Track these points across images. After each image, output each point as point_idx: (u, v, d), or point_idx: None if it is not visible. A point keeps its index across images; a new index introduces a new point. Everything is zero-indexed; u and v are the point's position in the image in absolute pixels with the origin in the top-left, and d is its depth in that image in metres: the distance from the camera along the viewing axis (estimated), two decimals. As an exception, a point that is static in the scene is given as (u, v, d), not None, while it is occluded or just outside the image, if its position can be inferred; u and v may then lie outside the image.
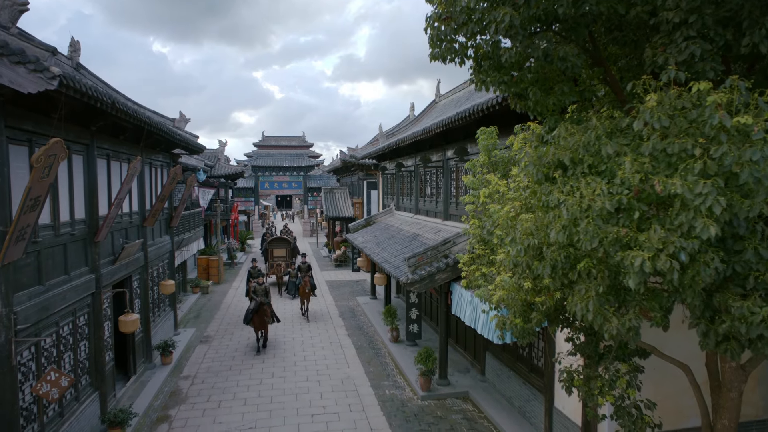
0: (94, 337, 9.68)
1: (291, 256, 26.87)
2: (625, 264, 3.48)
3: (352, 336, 16.58)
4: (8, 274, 6.78)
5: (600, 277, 3.93)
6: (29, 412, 7.50)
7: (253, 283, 15.64)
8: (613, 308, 3.96)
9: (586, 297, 3.94)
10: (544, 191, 4.28)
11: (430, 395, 11.57)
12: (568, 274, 4.26)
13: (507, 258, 4.77)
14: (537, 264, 4.36)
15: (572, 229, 3.83)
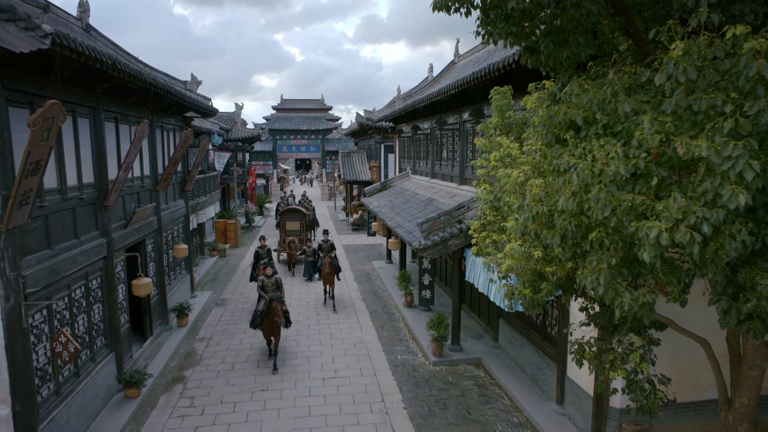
0: (108, 300, 9.78)
1: (308, 229, 23.79)
2: (639, 235, 3.17)
3: (367, 300, 16.60)
4: (14, 239, 6.77)
5: (613, 249, 3.63)
6: (44, 372, 7.64)
7: (261, 277, 12.16)
8: (626, 282, 3.67)
9: (597, 269, 3.66)
10: (555, 154, 3.94)
11: (441, 361, 11.53)
12: (580, 243, 3.97)
13: (515, 226, 4.48)
14: (546, 233, 4.07)
15: (583, 196, 3.52)
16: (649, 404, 4.93)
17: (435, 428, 8.91)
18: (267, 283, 11.89)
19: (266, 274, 12.02)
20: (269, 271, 12.03)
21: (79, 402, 8.43)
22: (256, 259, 15.96)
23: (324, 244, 16.93)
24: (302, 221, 22.13)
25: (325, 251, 16.62)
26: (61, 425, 7.86)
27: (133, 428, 8.95)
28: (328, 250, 16.66)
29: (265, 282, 11.91)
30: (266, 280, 11.92)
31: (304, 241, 21.47)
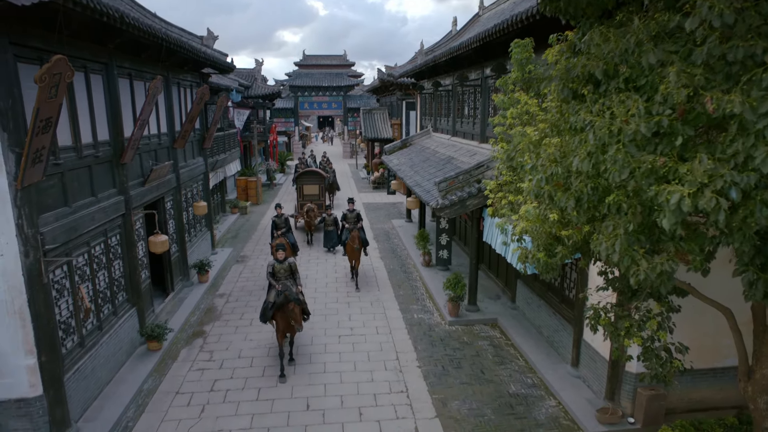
0: (128, 256, 9.95)
1: (327, 192, 22.54)
2: (659, 201, 2.92)
3: (385, 259, 16.62)
4: (31, 196, 6.83)
5: (631, 214, 3.39)
6: (67, 325, 7.88)
7: (271, 261, 9.98)
8: (644, 249, 3.44)
9: (613, 235, 3.44)
10: (571, 111, 3.66)
11: (458, 321, 11.54)
12: (597, 207, 3.73)
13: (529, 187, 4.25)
14: (561, 195, 3.84)
15: (599, 157, 3.26)
16: (664, 372, 4.79)
17: (448, 387, 8.98)
18: (279, 269, 9.81)
19: (277, 257, 9.82)
20: (281, 255, 9.80)
21: (103, 354, 8.72)
22: (274, 228, 14.70)
23: (349, 214, 14.65)
24: (321, 185, 20.50)
25: (351, 222, 14.50)
26: (86, 375, 8.17)
27: (155, 379, 9.27)
28: (354, 222, 14.46)
29: (276, 268, 9.82)
30: (278, 265, 9.80)
31: (323, 207, 20.02)
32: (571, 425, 7.82)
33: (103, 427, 7.73)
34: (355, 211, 14.72)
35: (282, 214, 14.88)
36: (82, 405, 8.03)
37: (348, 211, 14.71)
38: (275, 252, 10.04)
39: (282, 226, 14.60)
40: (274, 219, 14.82)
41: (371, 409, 8.35)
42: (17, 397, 7.09)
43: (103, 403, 8.35)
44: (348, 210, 14.76)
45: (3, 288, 6.75)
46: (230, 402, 8.53)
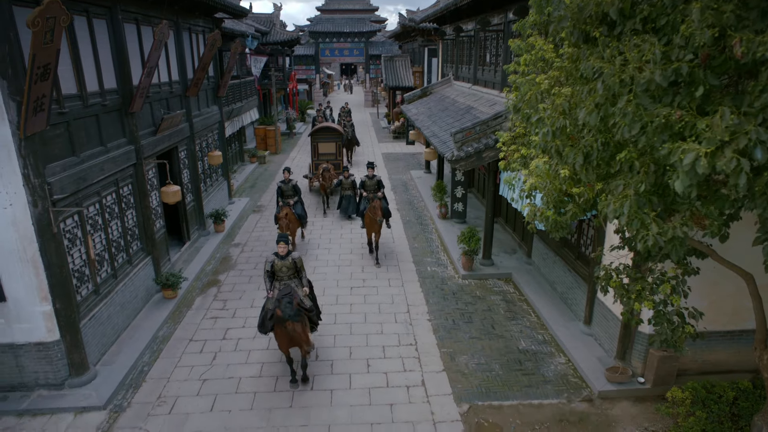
0: (141, 206, 9.99)
1: (346, 150, 21.31)
2: (672, 160, 2.61)
3: (402, 210, 16.46)
4: (35, 146, 6.77)
5: (643, 173, 3.09)
6: (81, 273, 8.02)
7: (271, 257, 7.92)
8: (656, 212, 3.15)
9: (622, 195, 3.15)
10: (583, 56, 3.29)
11: (471, 275, 11.42)
12: (609, 164, 3.42)
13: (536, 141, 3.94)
14: (569, 150, 3.53)
15: (609, 110, 2.92)
16: (675, 338, 4.58)
17: (457, 341, 8.97)
18: (279, 266, 7.82)
19: (279, 252, 7.83)
20: (282, 248, 7.81)
21: (118, 301, 8.92)
22: (279, 196, 12.65)
23: (368, 180, 12.61)
24: (338, 142, 18.43)
25: (370, 190, 12.56)
26: (102, 321, 8.39)
27: (170, 326, 9.50)
28: (374, 189, 12.54)
29: (276, 265, 7.81)
30: (278, 261, 7.80)
31: (341, 167, 17.99)
32: (579, 383, 7.76)
33: (119, 370, 8.00)
34: (375, 177, 12.63)
35: (290, 179, 12.74)
36: (100, 350, 8.30)
37: (367, 178, 12.67)
38: (278, 244, 7.87)
39: (289, 194, 12.64)
40: (280, 185, 12.66)
41: (379, 360, 8.42)
42: (36, 341, 7.34)
43: (120, 348, 8.61)
44: (367, 176, 12.70)
45: (15, 237, 6.84)
46: (241, 350, 8.70)
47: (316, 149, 18.38)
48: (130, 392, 7.68)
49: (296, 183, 12.79)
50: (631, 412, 7.13)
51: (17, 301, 7.14)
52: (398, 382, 7.87)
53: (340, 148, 18.53)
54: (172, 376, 8.03)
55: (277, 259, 7.83)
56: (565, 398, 7.41)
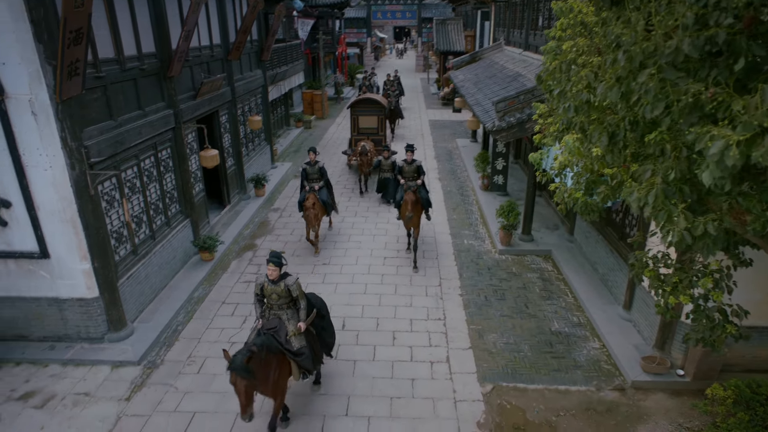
0: (180, 170, 10.18)
1: (390, 120, 19.95)
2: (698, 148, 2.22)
3: (443, 180, 16.08)
4: (72, 110, 6.91)
5: (674, 158, 2.69)
6: (119, 234, 8.30)
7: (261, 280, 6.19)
8: (685, 204, 2.76)
9: (649, 183, 2.77)
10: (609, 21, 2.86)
11: (509, 250, 11.05)
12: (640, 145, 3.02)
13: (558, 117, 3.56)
14: (593, 129, 3.14)
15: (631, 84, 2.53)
16: (713, 338, 4.16)
17: (487, 318, 8.73)
18: (270, 292, 6.12)
19: (270, 276, 6.05)
20: (272, 272, 6.01)
21: (156, 262, 9.22)
22: (304, 180, 11.25)
23: (407, 166, 10.80)
24: (380, 116, 16.43)
25: (408, 177, 10.83)
26: (140, 281, 8.71)
27: (205, 288, 9.78)
28: (412, 176, 10.84)
29: (266, 290, 6.13)
30: (269, 286, 6.09)
31: (383, 142, 16.40)
32: (612, 370, 7.39)
33: (155, 328, 8.32)
34: (414, 163, 10.81)
35: (316, 161, 11.24)
36: (137, 307, 8.65)
37: (405, 162, 10.84)
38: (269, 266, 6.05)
39: (314, 177, 11.19)
40: (305, 167, 11.24)
41: (405, 334, 8.34)
42: (78, 296, 7.71)
43: (156, 306, 8.95)
44: (405, 161, 10.85)
45: (55, 198, 7.10)
46: (271, 315, 8.83)
47: (355, 123, 16.58)
48: (163, 350, 7.99)
49: (323, 165, 11.40)
50: (666, 405, 6.73)
51: (60, 259, 7.48)
52: (423, 357, 7.78)
53: (382, 123, 16.58)
54: (203, 337, 8.29)
55: (267, 283, 6.07)
56: (594, 386, 7.08)
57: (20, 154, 6.87)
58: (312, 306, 6.59)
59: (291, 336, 6.11)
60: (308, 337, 6.36)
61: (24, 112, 6.63)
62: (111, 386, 7.21)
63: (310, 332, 6.45)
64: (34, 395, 7.05)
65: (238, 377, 5.22)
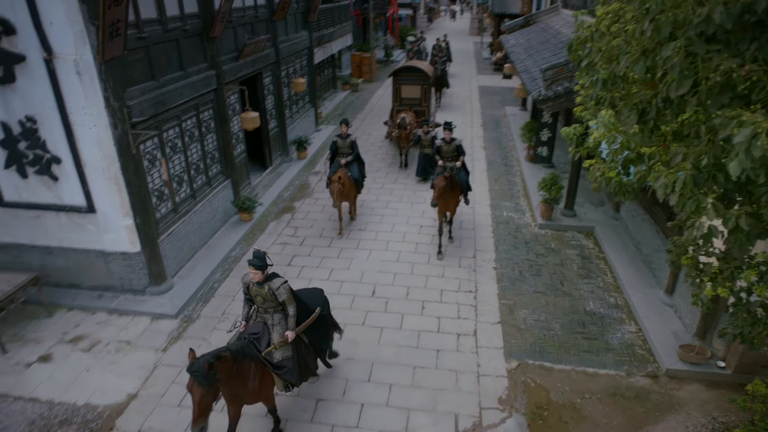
0: (221, 130, 10.34)
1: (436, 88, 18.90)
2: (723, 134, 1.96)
3: (488, 149, 15.62)
4: (115, 70, 7.07)
5: (708, 141, 2.41)
6: (161, 192, 8.59)
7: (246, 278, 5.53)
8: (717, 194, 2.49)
9: (678, 168, 2.51)
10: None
11: (549, 225, 10.68)
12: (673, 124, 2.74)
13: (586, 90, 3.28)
14: (622, 105, 2.87)
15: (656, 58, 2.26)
16: (752, 335, 3.86)
17: (519, 294, 8.55)
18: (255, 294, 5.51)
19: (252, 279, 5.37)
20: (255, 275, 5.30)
21: (196, 220, 9.52)
22: (333, 153, 10.64)
23: (445, 145, 9.96)
24: (425, 85, 15.12)
25: (447, 157, 9.99)
26: (180, 238, 9.04)
27: (243, 248, 10.05)
28: (451, 156, 10.00)
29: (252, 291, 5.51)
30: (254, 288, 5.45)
31: (426, 114, 15.29)
32: (646, 356, 7.11)
33: (192, 284, 8.67)
34: (454, 142, 9.97)
35: (348, 134, 10.56)
36: (177, 263, 9.01)
37: (444, 142, 9.98)
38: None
39: (345, 150, 10.53)
40: (336, 139, 10.61)
41: (435, 304, 8.31)
42: (121, 250, 8.09)
43: (195, 264, 9.29)
44: (444, 140, 9.99)
45: (100, 156, 7.38)
46: (303, 278, 9.00)
47: (398, 92, 15.32)
48: (199, 305, 8.33)
49: (355, 140, 10.75)
50: (701, 397, 6.43)
51: (105, 214, 7.83)
52: (450, 328, 7.74)
53: (426, 93, 15.25)
54: (237, 295, 8.56)
55: (252, 284, 5.46)
56: (624, 370, 6.84)
57: (68, 113, 7.13)
58: (307, 309, 5.81)
59: (273, 347, 5.38)
60: (298, 346, 5.64)
61: (70, 71, 6.84)
62: (150, 336, 7.61)
63: (301, 341, 5.73)
64: (82, 339, 7.55)
65: (194, 383, 4.51)
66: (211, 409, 4.62)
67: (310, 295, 6.20)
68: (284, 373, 5.41)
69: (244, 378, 5.10)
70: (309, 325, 5.75)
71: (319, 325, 6.04)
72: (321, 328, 6.17)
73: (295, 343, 5.59)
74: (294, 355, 5.53)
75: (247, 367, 5.13)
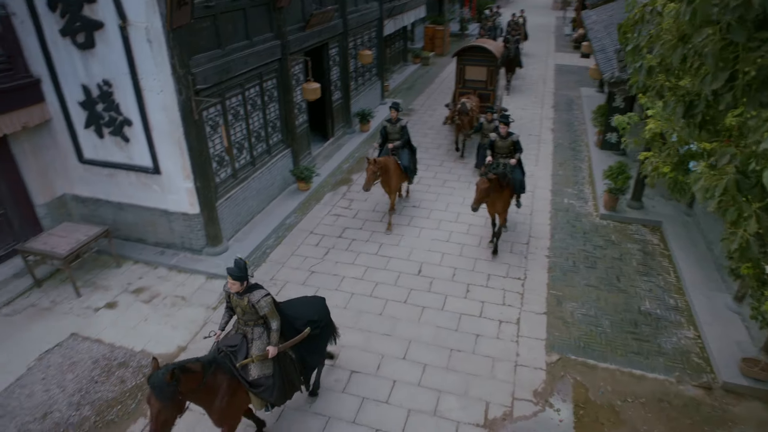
0: (284, 100, 10.54)
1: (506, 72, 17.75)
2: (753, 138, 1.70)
3: (557, 131, 14.90)
4: (182, 38, 7.35)
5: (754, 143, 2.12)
6: (221, 158, 8.94)
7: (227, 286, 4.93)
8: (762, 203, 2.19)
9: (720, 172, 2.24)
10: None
11: (612, 216, 10.10)
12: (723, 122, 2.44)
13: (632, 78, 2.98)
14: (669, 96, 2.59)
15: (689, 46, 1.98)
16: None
17: (570, 285, 8.21)
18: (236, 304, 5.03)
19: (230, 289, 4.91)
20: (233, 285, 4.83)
21: (254, 186, 9.86)
22: (383, 139, 10.10)
23: (500, 140, 9.12)
24: (491, 68, 13.74)
25: (501, 153, 9.20)
26: (237, 203, 9.41)
27: (297, 216, 10.31)
28: (505, 153, 9.19)
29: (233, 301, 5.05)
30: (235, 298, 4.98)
31: (491, 100, 13.95)
32: (702, 365, 6.62)
33: (246, 248, 9.04)
34: (510, 138, 9.08)
35: (399, 119, 9.95)
36: (234, 227, 9.40)
37: (499, 137, 9.14)
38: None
39: (395, 136, 9.95)
40: (385, 124, 10.06)
41: (480, 288, 8.17)
42: (182, 211, 8.56)
43: (251, 228, 9.66)
44: (500, 135, 9.13)
45: (165, 120, 7.77)
46: (351, 251, 9.13)
47: (461, 74, 14.12)
48: (251, 269, 8.67)
49: (406, 124, 10.07)
50: (760, 416, 5.93)
51: (169, 176, 8.29)
52: (492, 314, 7.60)
53: (492, 76, 13.82)
54: (287, 262, 8.84)
55: (233, 295, 4.98)
56: (675, 377, 6.43)
57: (139, 78, 7.54)
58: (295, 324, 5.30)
59: (250, 360, 4.89)
60: (282, 363, 5.12)
61: (141, 38, 7.20)
62: (203, 294, 8.06)
63: (287, 356, 5.22)
64: (143, 291, 8.14)
65: (152, 396, 4.12)
66: (172, 424, 4.23)
67: (305, 306, 5.69)
68: (261, 392, 4.90)
69: (212, 393, 4.63)
70: (296, 343, 5.21)
71: (311, 341, 5.47)
72: (314, 345, 5.57)
73: (278, 359, 5.05)
74: (275, 373, 4.99)
75: (219, 381, 4.69)
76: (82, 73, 7.82)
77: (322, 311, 5.87)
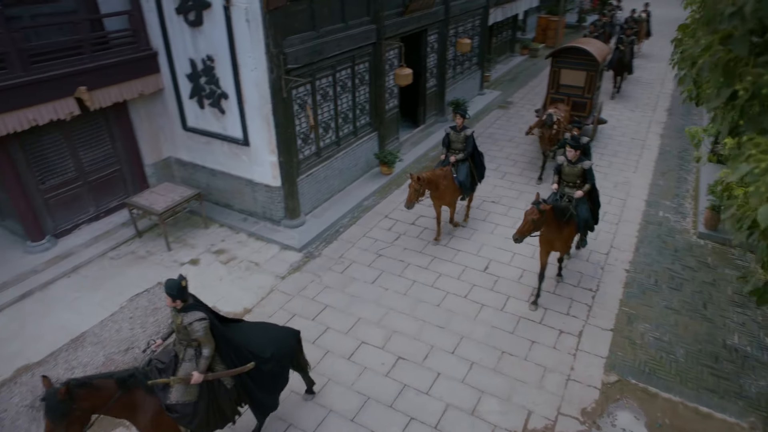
0: (375, 84, 10.70)
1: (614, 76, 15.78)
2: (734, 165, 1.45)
3: (665, 137, 13.63)
4: (278, 19, 7.75)
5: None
6: (306, 136, 9.34)
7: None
8: None
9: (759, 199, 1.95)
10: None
11: (712, 236, 9.12)
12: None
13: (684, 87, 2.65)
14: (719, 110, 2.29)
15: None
16: None
17: (646, 305, 7.59)
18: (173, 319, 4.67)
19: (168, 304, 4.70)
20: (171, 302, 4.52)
21: (336, 166, 10.19)
22: (447, 148, 9.10)
23: (567, 166, 7.64)
24: (591, 73, 11.95)
25: (569, 182, 7.74)
26: (318, 180, 9.81)
27: (375, 199, 10.52)
28: (573, 181, 7.70)
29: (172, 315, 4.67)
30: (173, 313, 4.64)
31: (587, 110, 12.21)
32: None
33: (322, 224, 9.42)
34: (581, 164, 7.56)
35: (464, 127, 8.92)
36: (312, 203, 9.82)
37: (567, 162, 7.62)
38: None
39: (459, 147, 8.96)
40: (449, 131, 9.08)
41: (545, 294, 7.82)
42: (266, 183, 9.10)
43: (329, 206, 10.03)
44: (567, 160, 7.61)
45: (257, 96, 8.27)
46: (421, 239, 9.16)
47: (555, 77, 12.41)
48: (322, 245, 9.06)
49: (472, 133, 8.96)
50: None
51: (256, 148, 8.84)
52: (553, 322, 7.27)
53: (592, 83, 12.01)
54: (357, 243, 9.09)
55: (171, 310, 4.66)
56: (748, 422, 5.74)
57: (236, 55, 8.07)
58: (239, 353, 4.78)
59: (169, 380, 4.49)
60: (214, 390, 4.70)
61: (241, 18, 7.69)
62: (275, 263, 8.56)
63: (221, 385, 4.75)
64: (223, 253, 8.83)
65: (45, 416, 3.78)
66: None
67: (265, 338, 5.08)
68: (177, 418, 4.48)
69: (132, 410, 4.34)
70: (231, 375, 4.72)
71: (262, 377, 4.94)
72: (265, 382, 5.01)
73: (208, 387, 4.65)
74: (200, 401, 4.58)
75: (139, 400, 4.37)
76: (191, 48, 8.54)
77: (284, 348, 5.17)
